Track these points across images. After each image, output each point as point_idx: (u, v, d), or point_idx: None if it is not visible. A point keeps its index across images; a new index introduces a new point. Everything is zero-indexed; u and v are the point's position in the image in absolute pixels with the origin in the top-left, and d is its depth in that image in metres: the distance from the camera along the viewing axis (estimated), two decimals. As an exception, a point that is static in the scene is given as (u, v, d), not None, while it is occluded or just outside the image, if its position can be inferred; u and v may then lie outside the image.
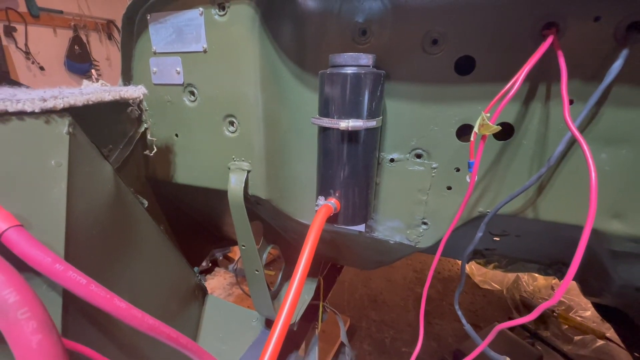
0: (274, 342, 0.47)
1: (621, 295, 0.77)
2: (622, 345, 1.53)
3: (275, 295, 1.04)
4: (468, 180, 0.59)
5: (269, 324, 1.07)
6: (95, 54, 4.77)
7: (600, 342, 2.09)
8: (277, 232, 1.05)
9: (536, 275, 2.59)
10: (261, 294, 0.91)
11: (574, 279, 0.92)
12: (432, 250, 0.76)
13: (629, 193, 0.57)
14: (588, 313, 2.33)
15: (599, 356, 2.04)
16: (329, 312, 1.45)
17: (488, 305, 2.51)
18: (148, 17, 0.73)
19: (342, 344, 1.82)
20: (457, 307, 0.79)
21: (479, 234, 0.66)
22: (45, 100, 0.51)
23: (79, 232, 0.52)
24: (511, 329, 2.15)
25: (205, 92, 0.75)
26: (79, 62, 4.56)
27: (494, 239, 0.82)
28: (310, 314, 1.34)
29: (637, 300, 0.76)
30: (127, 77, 0.81)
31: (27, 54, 4.00)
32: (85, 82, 0.72)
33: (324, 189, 0.67)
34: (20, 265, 0.35)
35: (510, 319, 2.35)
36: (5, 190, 0.43)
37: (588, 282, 0.86)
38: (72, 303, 0.46)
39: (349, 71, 0.58)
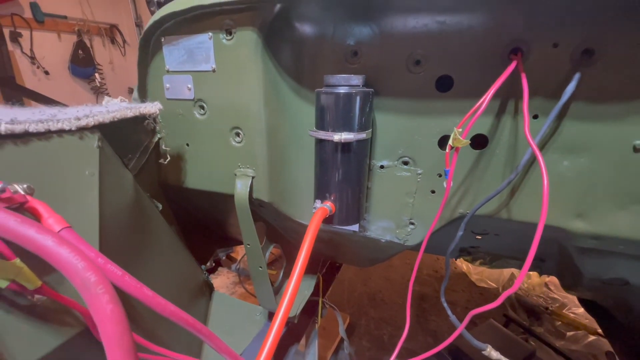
0: (275, 331, 0.50)
1: (591, 288, 0.85)
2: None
3: (277, 291, 1.11)
4: (444, 185, 0.67)
5: (271, 317, 1.15)
6: (99, 58, 4.83)
7: (591, 338, 2.15)
8: (279, 232, 1.13)
9: (530, 273, 2.66)
10: (264, 288, 0.99)
11: (554, 274, 1.00)
12: (420, 248, 0.84)
13: (589, 196, 0.65)
14: (581, 310, 2.39)
15: (591, 351, 2.11)
16: (328, 309, 1.53)
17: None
18: (162, 40, 0.81)
19: (341, 340, 1.89)
20: (443, 299, 0.86)
21: (460, 233, 0.74)
22: (79, 119, 0.59)
23: (108, 233, 0.61)
24: (506, 325, 2.22)
25: (213, 107, 0.83)
26: (83, 67, 4.62)
27: (477, 237, 0.90)
28: (310, 310, 1.42)
29: (605, 291, 0.84)
30: (143, 93, 0.89)
31: (32, 58, 4.06)
32: (106, 98, 0.80)
33: (320, 193, 0.75)
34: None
35: (505, 315, 2.41)
36: (52, 197, 0.51)
37: (564, 276, 0.94)
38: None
39: (341, 91, 0.66)
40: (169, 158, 0.87)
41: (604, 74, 0.58)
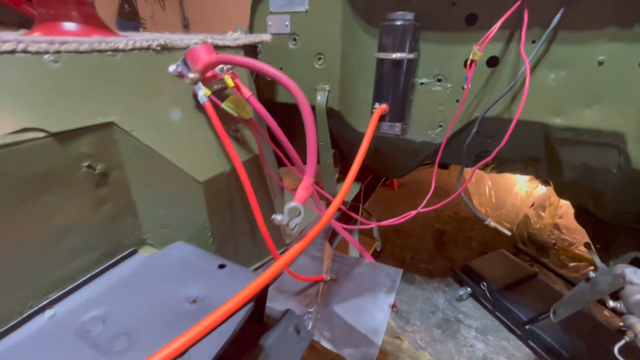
0: (336, 202, 0.81)
1: (571, 179, 1.15)
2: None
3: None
4: (463, 88, 0.99)
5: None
6: (142, 13, 4.96)
7: (591, 268, 2.46)
8: (338, 145, 1.50)
9: (542, 214, 2.94)
10: (329, 176, 1.39)
11: (546, 177, 1.29)
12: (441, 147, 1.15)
13: (566, 98, 0.95)
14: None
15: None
16: (365, 215, 1.94)
17: (498, 241, 2.92)
18: None
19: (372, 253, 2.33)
20: (458, 184, 1.21)
21: (474, 129, 1.06)
22: (236, 40, 0.96)
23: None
24: (515, 254, 2.56)
25: (304, 38, 1.18)
26: (130, 21, 4.78)
27: (487, 140, 1.22)
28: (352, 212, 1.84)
29: (580, 183, 1.13)
30: (251, 29, 1.25)
31: (87, 13, 4.34)
32: (230, 32, 1.16)
33: (378, 98, 1.10)
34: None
35: (515, 247, 2.73)
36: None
37: (553, 174, 1.25)
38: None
39: (398, 23, 0.98)
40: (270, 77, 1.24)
41: (581, 10, 0.86)
